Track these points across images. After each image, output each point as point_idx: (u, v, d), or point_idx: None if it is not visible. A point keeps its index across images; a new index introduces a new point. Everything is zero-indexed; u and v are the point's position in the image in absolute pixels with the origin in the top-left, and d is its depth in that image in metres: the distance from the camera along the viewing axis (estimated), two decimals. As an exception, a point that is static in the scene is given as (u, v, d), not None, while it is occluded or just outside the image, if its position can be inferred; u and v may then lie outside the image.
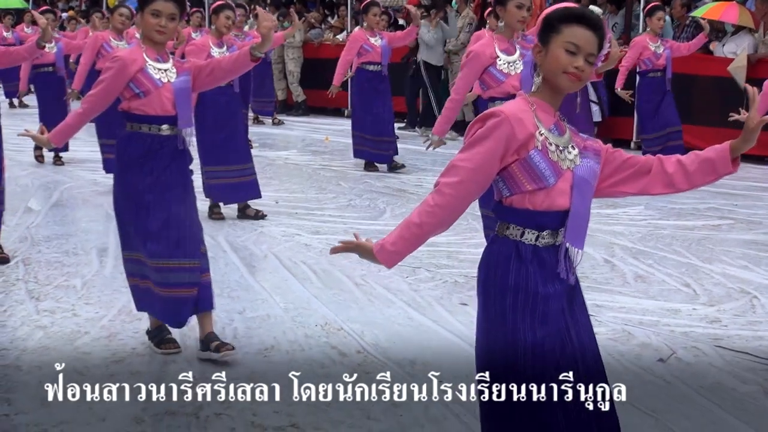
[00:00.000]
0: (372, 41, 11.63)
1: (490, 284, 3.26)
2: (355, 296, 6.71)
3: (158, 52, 5.37)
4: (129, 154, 5.35)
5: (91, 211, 9.73)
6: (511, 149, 3.13)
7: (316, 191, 10.71)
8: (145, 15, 5.24)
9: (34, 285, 7.02)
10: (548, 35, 3.19)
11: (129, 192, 5.36)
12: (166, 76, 5.33)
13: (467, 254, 7.80)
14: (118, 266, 7.41)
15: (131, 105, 5.32)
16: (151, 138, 5.33)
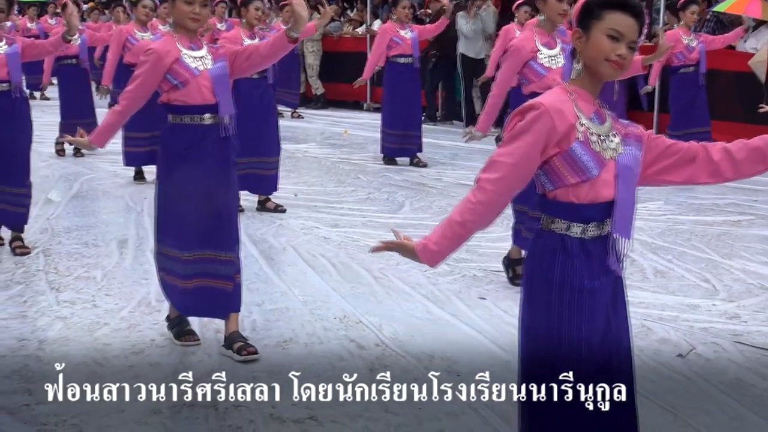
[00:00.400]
0: (402, 33, 11.56)
1: (536, 279, 3.20)
2: (373, 289, 6.71)
3: (191, 39, 5.28)
4: (173, 146, 5.29)
5: (111, 203, 9.76)
6: (552, 142, 3.08)
7: (335, 184, 10.71)
8: (177, 3, 5.15)
9: (54, 276, 7.05)
10: (589, 21, 3.12)
11: (173, 184, 5.30)
12: (202, 64, 5.24)
13: (486, 248, 7.77)
14: (138, 258, 7.49)
15: (171, 97, 5.24)
16: (194, 129, 5.25)
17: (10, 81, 7.50)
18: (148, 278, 6.95)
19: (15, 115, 7.55)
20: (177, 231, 5.34)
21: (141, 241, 8.06)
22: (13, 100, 7.54)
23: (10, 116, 7.51)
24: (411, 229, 8.41)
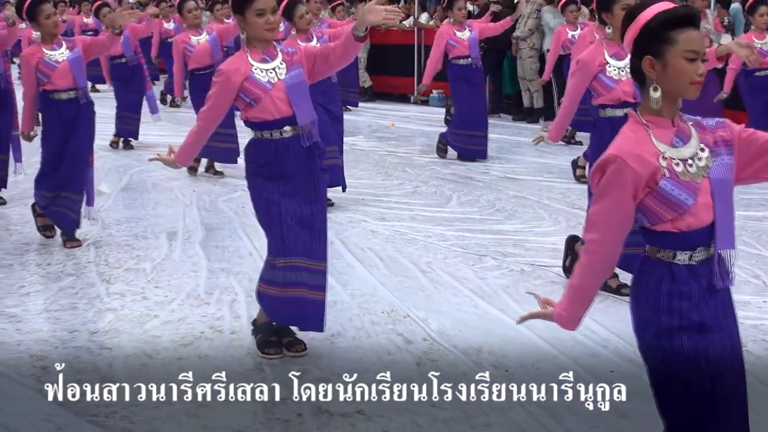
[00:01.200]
0: (459, 35, 11.39)
1: (643, 307, 3.13)
2: (421, 283, 6.70)
3: (265, 50, 5.15)
4: (257, 161, 5.21)
5: (160, 195, 9.82)
6: (640, 187, 3.00)
7: (382, 177, 10.72)
8: (248, 17, 5.03)
9: (104, 268, 7.12)
10: (660, 47, 2.98)
11: (261, 197, 5.23)
12: (275, 75, 5.11)
13: (533, 243, 7.75)
14: (187, 250, 7.56)
15: (248, 114, 5.16)
16: (275, 143, 5.15)
17: (76, 88, 7.53)
18: (197, 270, 7.01)
19: (81, 122, 7.59)
20: (273, 240, 5.25)
21: (190, 233, 8.11)
22: (80, 106, 7.57)
23: (77, 123, 7.55)
24: (458, 223, 8.45)
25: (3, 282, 6.83)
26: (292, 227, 5.18)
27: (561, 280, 6.73)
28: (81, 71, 7.56)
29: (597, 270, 3.16)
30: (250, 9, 5.00)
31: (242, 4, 5.02)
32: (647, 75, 3.04)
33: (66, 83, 7.49)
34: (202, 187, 10.08)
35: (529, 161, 11.66)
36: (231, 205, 9.21)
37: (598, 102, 6.41)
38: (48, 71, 7.46)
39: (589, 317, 5.59)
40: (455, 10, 11.47)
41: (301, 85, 5.16)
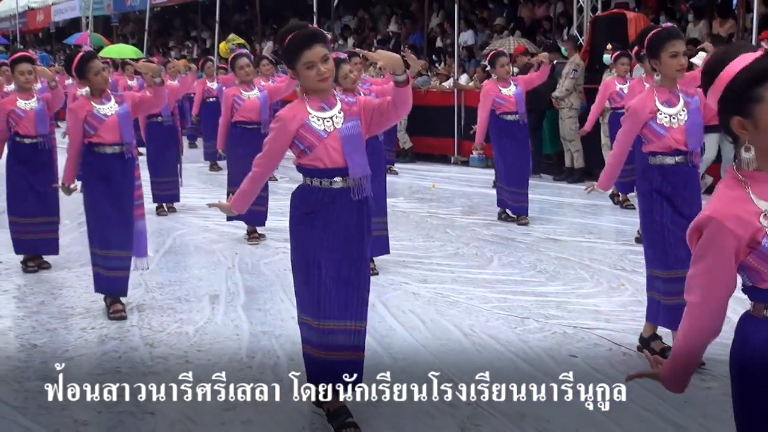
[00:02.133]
0: (504, 92, 11.40)
1: (748, 370, 2.98)
2: (463, 346, 6.68)
3: (323, 99, 5.09)
4: (301, 208, 5.12)
5: (203, 258, 9.87)
6: (741, 247, 2.88)
7: (423, 239, 10.72)
8: (299, 71, 4.98)
9: (147, 331, 7.15)
10: (749, 106, 2.84)
11: (302, 248, 5.12)
12: (332, 124, 5.04)
13: (576, 305, 7.72)
14: (229, 313, 7.57)
15: (301, 161, 5.09)
16: (323, 192, 5.05)
17: (122, 143, 7.55)
18: (240, 334, 7.03)
19: (126, 178, 7.61)
20: (309, 299, 5.12)
21: (232, 296, 8.14)
22: (125, 161, 7.59)
23: (122, 179, 7.57)
24: (500, 285, 8.43)
25: (47, 346, 6.88)
26: (330, 289, 5.04)
27: (604, 342, 6.70)
28: (128, 127, 7.58)
29: (704, 330, 3.04)
30: (299, 62, 4.94)
31: (292, 58, 4.97)
32: (739, 135, 2.93)
33: (112, 137, 7.49)
34: (244, 250, 10.13)
35: (570, 222, 11.64)
36: (272, 267, 9.24)
37: (648, 149, 6.30)
38: (95, 124, 7.47)
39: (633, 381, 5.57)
40: (498, 67, 11.47)
41: (356, 137, 5.07)
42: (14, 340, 7.10)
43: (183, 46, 33.07)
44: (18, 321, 7.62)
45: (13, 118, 9.03)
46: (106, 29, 39.00)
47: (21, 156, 9.10)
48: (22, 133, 9.07)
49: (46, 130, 9.17)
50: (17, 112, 9.02)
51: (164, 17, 36.84)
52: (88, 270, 9.01)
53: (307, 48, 4.88)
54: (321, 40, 4.95)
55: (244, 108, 10.57)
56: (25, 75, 8.97)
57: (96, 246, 7.66)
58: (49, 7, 42.30)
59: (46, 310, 7.85)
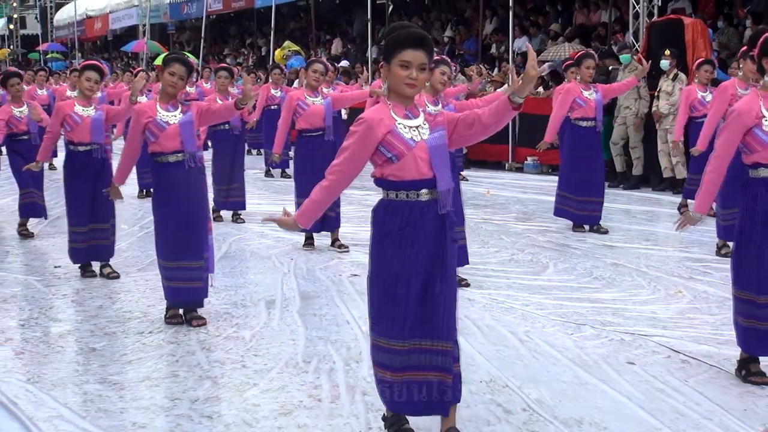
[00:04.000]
0: (586, 95, 11.10)
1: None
2: (519, 353, 6.64)
3: (407, 107, 4.80)
4: (386, 225, 4.79)
5: (258, 264, 9.91)
6: None
7: (478, 245, 10.66)
8: (392, 67, 4.71)
9: (204, 336, 7.18)
10: None
11: (385, 266, 4.78)
12: (418, 134, 4.76)
13: (633, 311, 7.65)
14: (285, 318, 7.58)
15: (384, 172, 4.77)
16: (410, 206, 4.75)
17: (183, 150, 7.40)
18: (295, 339, 7.04)
19: (192, 186, 7.46)
20: (389, 318, 4.77)
21: (288, 301, 8.16)
22: (188, 170, 7.42)
23: (187, 187, 7.43)
24: (556, 291, 8.38)
25: (106, 349, 6.93)
26: (416, 308, 4.72)
27: (662, 349, 6.63)
28: (190, 136, 7.42)
29: None
30: (395, 58, 4.70)
31: (390, 52, 4.73)
32: None
33: (173, 146, 7.38)
34: (300, 256, 10.15)
35: (626, 228, 11.55)
36: (328, 273, 9.26)
37: (750, 160, 5.84)
38: (156, 131, 7.37)
39: (692, 388, 5.51)
40: (583, 68, 11.11)
41: (443, 148, 4.81)
42: (73, 343, 7.16)
43: (239, 54, 33.29)
44: (77, 325, 7.69)
45: (69, 123, 9.05)
46: (162, 37, 39.38)
47: (76, 164, 9.13)
48: (76, 141, 9.08)
49: (101, 139, 9.16)
50: (74, 118, 9.04)
51: (220, 25, 37.09)
52: (146, 275, 9.17)
53: (410, 48, 4.66)
54: (426, 47, 4.71)
55: (309, 113, 10.23)
56: (90, 82, 9.01)
57: (166, 258, 7.52)
58: (107, 15, 42.85)
59: (105, 314, 7.92)
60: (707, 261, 9.56)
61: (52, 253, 10.68)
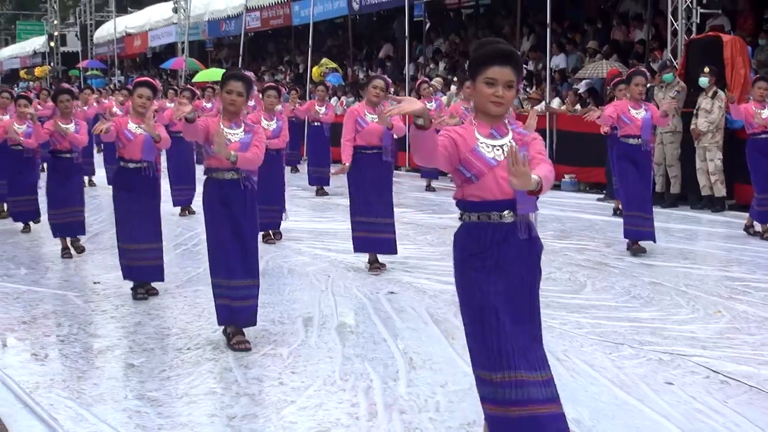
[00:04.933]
0: (633, 113, 10.86)
1: None
2: (557, 371, 6.56)
3: (493, 125, 4.63)
4: (469, 248, 4.61)
5: (296, 281, 9.92)
6: None
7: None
8: (477, 84, 4.55)
9: (242, 353, 7.19)
10: None
11: (470, 293, 4.60)
12: (502, 153, 4.57)
13: (672, 331, 7.60)
14: (323, 336, 7.60)
15: (465, 192, 4.62)
16: (492, 227, 4.56)
17: (239, 170, 7.30)
18: (333, 356, 7.05)
19: (246, 205, 7.37)
20: (488, 351, 4.54)
21: (325, 319, 8.17)
22: (243, 189, 7.35)
23: (241, 207, 7.36)
24: (594, 310, 8.34)
25: (144, 366, 6.97)
26: (510, 338, 4.49)
27: (701, 369, 6.58)
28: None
29: None
30: (481, 75, 4.53)
31: (475, 69, 4.57)
32: None
33: (228, 163, 7.23)
34: (337, 273, 10.17)
35: (665, 247, 11.47)
36: (365, 290, 9.26)
37: None
38: None
39: (731, 409, 5.47)
40: (633, 86, 10.92)
41: None
42: (112, 359, 7.21)
43: (276, 71, 33.43)
44: (116, 341, 7.73)
45: (122, 140, 9.03)
46: (201, 54, 39.64)
47: (126, 181, 9.08)
48: (127, 157, 9.05)
49: (151, 157, 9.12)
50: (126, 135, 9.02)
51: (258, 42, 37.28)
52: (184, 291, 9.22)
53: (496, 64, 4.49)
54: (514, 64, 4.53)
55: (366, 131, 9.97)
56: (143, 99, 9.02)
57: (220, 276, 7.41)
58: (146, 32, 43.21)
59: (143, 331, 7.96)
60: (747, 280, 9.49)
61: (91, 268, 10.77)
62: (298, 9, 29.37)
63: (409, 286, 9.39)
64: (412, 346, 7.31)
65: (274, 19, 31.38)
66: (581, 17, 22.70)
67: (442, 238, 12.13)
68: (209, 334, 7.76)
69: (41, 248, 12.36)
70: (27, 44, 62.03)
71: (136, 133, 9.05)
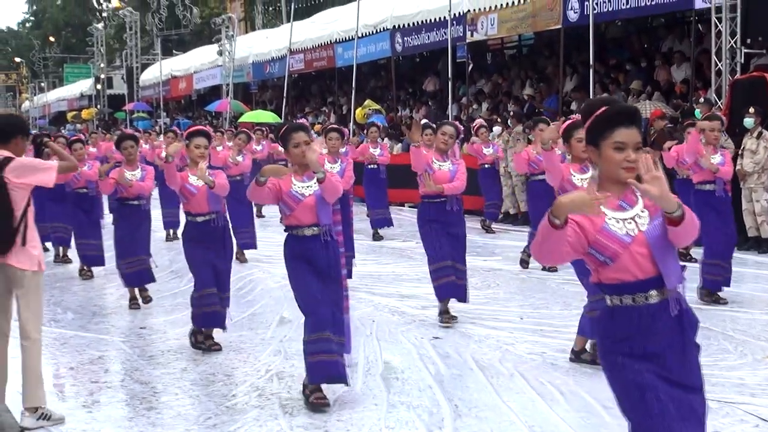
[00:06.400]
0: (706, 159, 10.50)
1: None
2: (604, 420, 6.55)
3: (620, 194, 4.20)
4: (614, 334, 4.20)
5: (340, 325, 9.92)
6: None
7: (561, 307, 10.57)
8: (604, 150, 4.16)
9: (287, 400, 7.21)
10: None
11: (628, 381, 4.15)
12: (635, 226, 4.15)
13: (719, 377, 7.51)
14: (368, 382, 7.61)
15: (601, 277, 4.19)
16: (638, 311, 4.12)
17: (318, 224, 7.09)
18: (378, 404, 7.05)
19: (329, 262, 7.14)
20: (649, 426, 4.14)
21: (370, 365, 8.16)
22: (325, 244, 7.11)
23: (325, 263, 7.13)
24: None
25: (190, 413, 7.00)
26: (676, 418, 4.09)
27: (750, 418, 6.51)
28: (326, 209, 7.14)
29: None
30: (607, 140, 4.16)
31: (599, 133, 4.19)
32: None
33: (309, 219, 7.07)
34: (382, 317, 10.15)
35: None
36: (409, 335, 9.24)
37: None
38: (292, 204, 7.07)
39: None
40: (708, 132, 10.63)
41: (664, 237, 4.14)
42: (158, 406, 7.24)
43: (320, 112, 33.62)
44: (161, 388, 7.76)
45: (186, 195, 8.81)
46: (245, 96, 40.01)
47: (196, 234, 8.84)
48: (194, 212, 8.83)
49: (218, 207, 8.90)
50: (189, 189, 8.79)
51: (301, 83, 37.54)
52: (229, 336, 9.20)
53: (623, 126, 4.13)
54: (639, 123, 4.20)
55: (434, 179, 9.55)
56: (201, 149, 8.76)
57: (311, 332, 7.07)
58: (191, 75, 43.63)
59: (188, 377, 8.02)
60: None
61: (136, 314, 10.83)
62: (342, 51, 29.65)
63: (453, 331, 9.36)
64: (458, 393, 7.29)
65: (318, 61, 31.67)
66: (624, 56, 22.67)
67: (487, 281, 12.10)
68: (254, 380, 7.79)
69: (88, 293, 12.45)
70: (74, 87, 62.96)
71: (198, 185, 8.78)
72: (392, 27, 26.61)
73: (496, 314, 10.14)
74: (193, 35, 56.84)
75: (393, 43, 26.57)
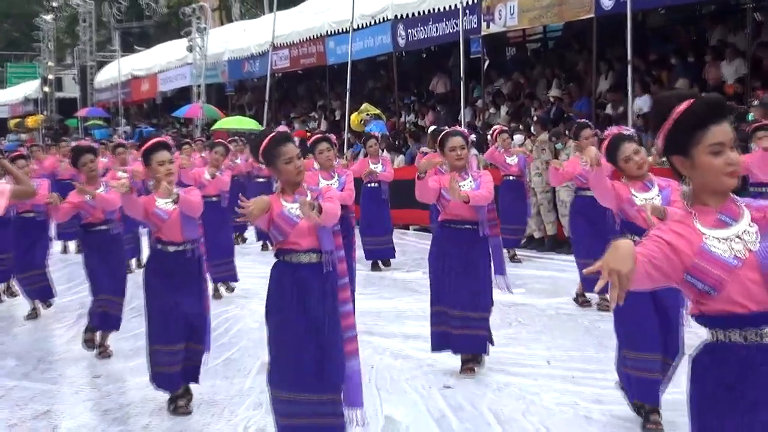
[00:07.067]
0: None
1: None
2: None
3: (719, 206, 4.03)
4: (717, 377, 3.98)
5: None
6: None
7: (595, 349, 10.52)
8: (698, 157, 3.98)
9: (269, 461, 7.19)
10: None
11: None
12: (742, 246, 3.94)
13: None
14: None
15: (703, 309, 3.96)
16: (748, 350, 3.90)
17: (320, 251, 6.84)
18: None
19: (327, 298, 6.82)
20: None
21: (369, 419, 8.10)
22: (324, 275, 6.82)
23: (321, 298, 6.82)
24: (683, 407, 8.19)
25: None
26: None
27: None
28: (327, 232, 6.86)
29: None
30: (700, 144, 3.96)
31: (687, 137, 3.99)
32: None
33: (308, 243, 6.81)
34: (382, 362, 10.12)
35: None
36: (415, 384, 9.20)
37: None
38: (286, 227, 6.83)
39: None
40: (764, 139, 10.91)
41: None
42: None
43: (308, 118, 33.59)
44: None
45: (155, 223, 8.47)
46: (220, 99, 39.93)
47: (164, 267, 8.46)
48: (166, 239, 8.48)
49: (194, 235, 8.59)
50: (158, 215, 8.47)
51: (286, 84, 37.51)
52: (200, 387, 9.14)
53: (714, 123, 3.95)
54: (728, 114, 4.00)
55: (454, 203, 9.17)
56: (166, 165, 8.34)
57: (282, 389, 6.82)
58: (156, 75, 43.70)
59: None
60: None
61: (90, 360, 10.77)
62: (334, 46, 29.58)
63: (468, 379, 9.32)
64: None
65: (306, 57, 31.57)
66: (668, 50, 22.59)
67: (508, 318, 12.04)
68: None
69: (34, 335, 12.42)
70: (17, 89, 63.06)
71: (168, 209, 8.48)
72: (394, 17, 26.48)
73: (519, 358, 10.10)
74: (157, 28, 57.09)
75: (395, 37, 26.52)
